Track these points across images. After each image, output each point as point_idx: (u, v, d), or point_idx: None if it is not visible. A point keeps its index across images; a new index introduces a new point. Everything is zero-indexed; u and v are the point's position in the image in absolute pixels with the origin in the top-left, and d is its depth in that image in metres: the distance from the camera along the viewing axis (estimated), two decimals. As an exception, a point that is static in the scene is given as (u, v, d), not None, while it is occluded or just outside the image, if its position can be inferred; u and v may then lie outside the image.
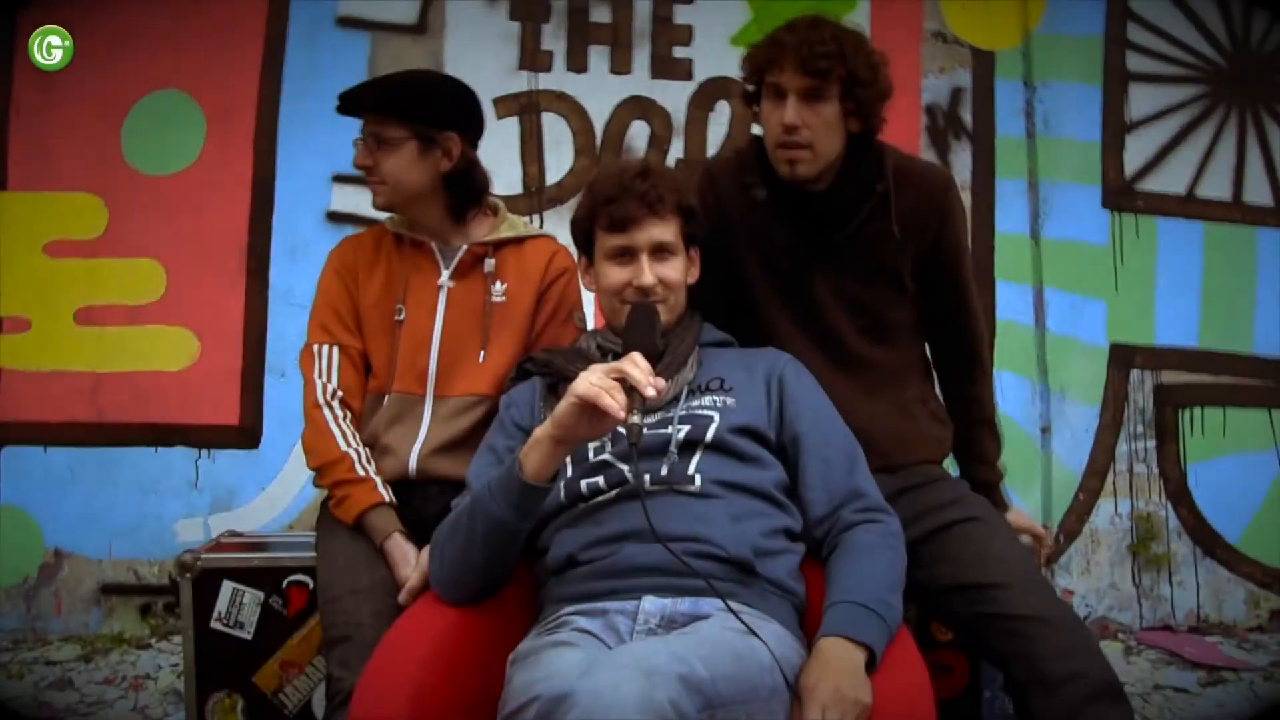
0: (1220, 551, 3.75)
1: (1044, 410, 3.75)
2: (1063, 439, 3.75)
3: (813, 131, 1.87)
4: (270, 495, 3.62)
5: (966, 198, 3.72)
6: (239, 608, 2.20)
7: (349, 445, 2.04)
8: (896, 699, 1.48)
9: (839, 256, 2.01)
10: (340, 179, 3.64)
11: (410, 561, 1.92)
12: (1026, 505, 3.66)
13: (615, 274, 1.84)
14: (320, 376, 2.10)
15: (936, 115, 3.76)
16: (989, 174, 3.76)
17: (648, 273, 1.81)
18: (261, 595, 2.20)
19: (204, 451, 3.64)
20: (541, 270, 2.15)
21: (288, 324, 3.58)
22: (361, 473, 2.01)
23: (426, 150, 2.07)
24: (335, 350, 2.12)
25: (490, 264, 2.12)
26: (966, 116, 3.77)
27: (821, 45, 1.84)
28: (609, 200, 1.83)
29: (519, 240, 2.17)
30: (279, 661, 2.21)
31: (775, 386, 1.84)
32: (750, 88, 1.97)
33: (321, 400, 2.08)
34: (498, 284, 2.12)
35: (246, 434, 3.64)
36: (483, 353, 2.09)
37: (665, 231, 1.83)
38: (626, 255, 1.83)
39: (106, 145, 3.60)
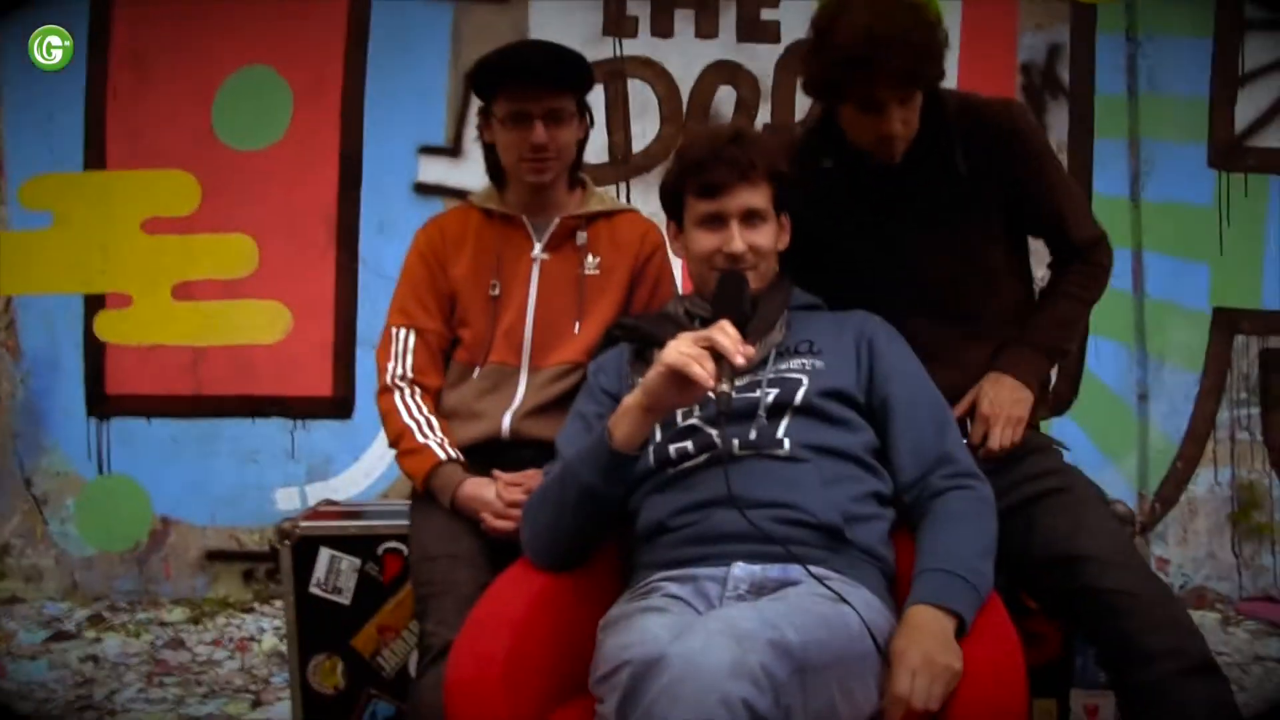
0: (1326, 521, 3.66)
1: (1141, 376, 3.65)
2: (1160, 406, 3.65)
3: (910, 126, 1.86)
4: (364, 464, 3.69)
5: (1062, 159, 3.59)
6: (337, 574, 2.26)
7: (410, 418, 2.06)
8: (987, 666, 1.48)
9: (918, 211, 1.98)
10: (426, 150, 3.66)
11: (485, 486, 1.95)
12: (1121, 472, 3.61)
13: (705, 240, 1.82)
14: (392, 361, 2.13)
15: (1033, 74, 3.63)
16: (1087, 134, 3.63)
17: (738, 239, 1.79)
18: (358, 562, 2.26)
19: (299, 422, 3.72)
20: (636, 246, 2.15)
21: (377, 295, 3.58)
22: (421, 440, 2.03)
23: (581, 122, 2.11)
24: (412, 334, 2.13)
25: (583, 237, 2.13)
26: (1064, 74, 3.64)
27: (915, 51, 1.77)
28: (699, 166, 1.80)
29: (609, 214, 2.17)
30: (376, 626, 2.27)
31: (865, 349, 1.82)
32: (826, 94, 1.91)
33: (390, 382, 2.11)
34: (590, 257, 2.12)
35: (340, 404, 3.71)
36: (578, 324, 2.10)
37: (756, 197, 1.80)
38: (717, 221, 1.80)
39: (198, 123, 3.66)
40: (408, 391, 2.10)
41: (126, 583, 3.74)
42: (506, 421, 2.07)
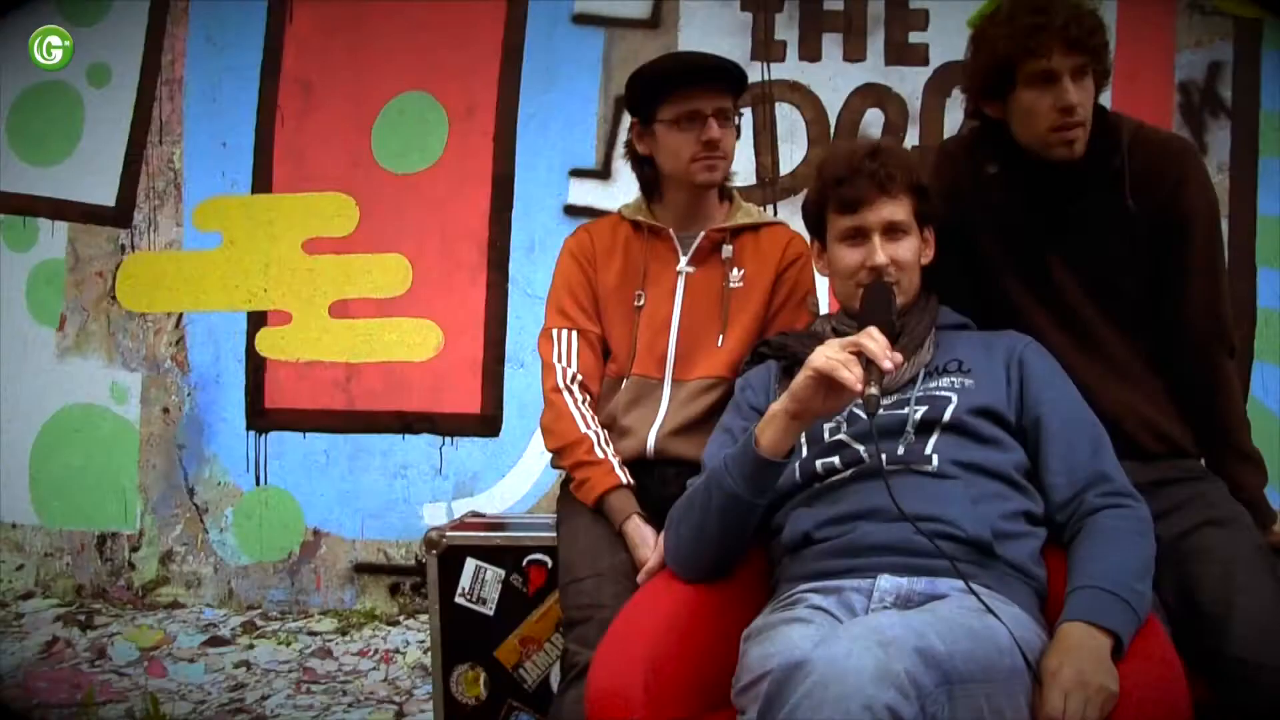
0: None
1: (1308, 402, 3.52)
2: (1330, 433, 3.51)
3: (1086, 108, 1.83)
4: (510, 482, 3.75)
5: (1224, 179, 3.52)
6: (481, 584, 2.28)
7: (588, 427, 2.08)
8: (1147, 689, 1.42)
9: (1074, 233, 1.93)
10: (577, 173, 3.73)
11: (649, 543, 1.94)
12: (1287, 504, 3.48)
13: (848, 256, 1.82)
14: (560, 360, 2.14)
15: (1191, 92, 3.56)
16: (1251, 153, 3.53)
17: (880, 252, 1.78)
18: (503, 573, 2.27)
19: (448, 439, 3.79)
20: (779, 256, 2.15)
21: (527, 315, 3.69)
22: (601, 454, 2.05)
23: (735, 125, 2.14)
24: (574, 334, 2.16)
25: (728, 250, 2.14)
26: (1225, 92, 3.54)
27: (1087, 19, 1.80)
28: (839, 181, 1.81)
29: (755, 227, 2.18)
30: (519, 637, 2.28)
31: (1015, 368, 1.80)
32: (991, 82, 1.88)
33: (561, 384, 2.12)
34: (735, 270, 2.13)
35: (488, 422, 3.77)
36: (721, 336, 2.10)
37: (897, 210, 1.80)
38: (859, 236, 1.80)
39: (358, 146, 3.79)
40: (580, 397, 2.12)
41: (279, 593, 3.85)
42: (651, 441, 2.08)
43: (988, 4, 3.49)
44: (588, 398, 2.13)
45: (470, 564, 2.28)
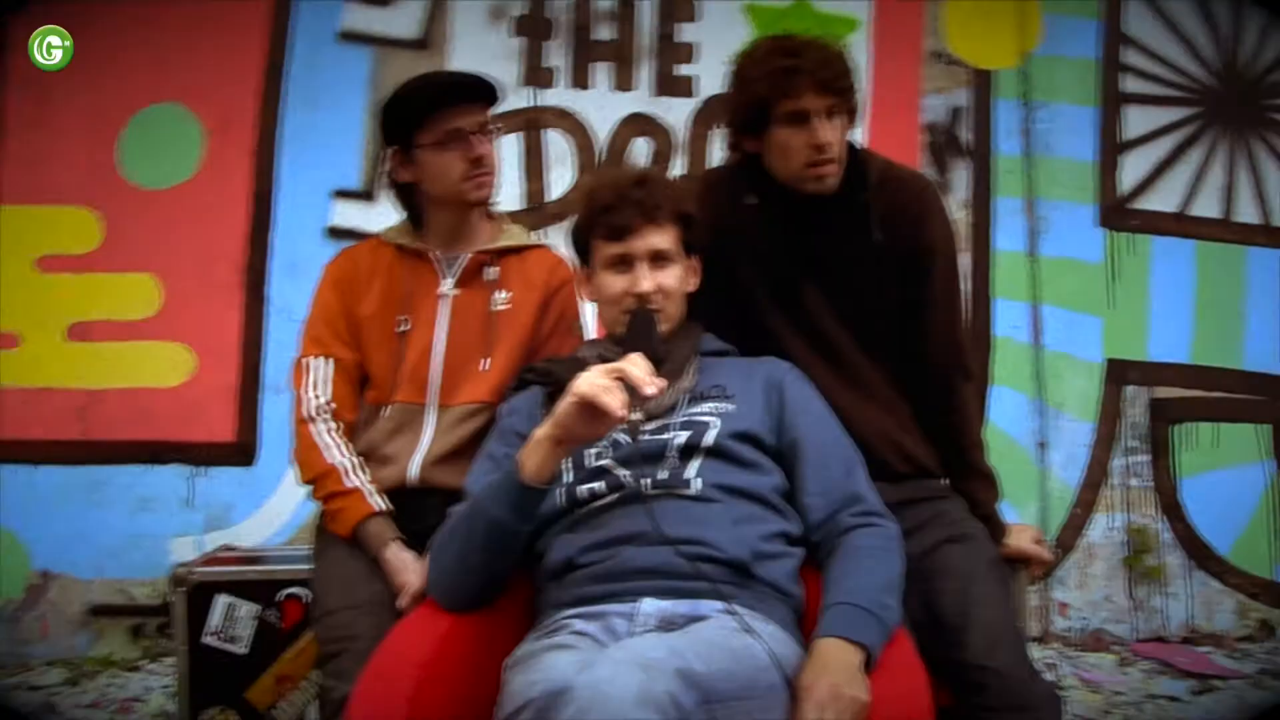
0: (1211, 563, 3.81)
1: (1040, 425, 3.79)
2: (1059, 454, 3.79)
3: (836, 146, 1.91)
4: (266, 513, 3.57)
5: (965, 215, 3.77)
6: (233, 621, 2.20)
7: (339, 457, 2.02)
8: (894, 699, 1.47)
9: (827, 264, 2.02)
10: (341, 194, 3.63)
11: (410, 567, 1.91)
12: (1023, 519, 3.68)
13: (614, 283, 1.84)
14: (310, 390, 2.08)
15: (936, 133, 3.81)
16: (987, 192, 3.81)
17: (646, 280, 1.81)
18: (257, 608, 2.21)
19: (199, 469, 3.58)
20: (544, 279, 2.14)
21: (286, 340, 3.51)
22: (352, 484, 2.00)
23: (495, 137, 2.12)
24: (328, 363, 2.10)
25: (493, 272, 2.12)
26: (965, 135, 3.82)
27: (837, 63, 1.89)
28: (606, 208, 1.83)
29: (520, 249, 2.17)
30: (274, 676, 2.21)
31: (775, 394, 1.85)
32: (750, 117, 1.95)
33: (310, 414, 2.06)
34: (500, 292, 2.11)
35: (242, 450, 3.59)
36: (486, 361, 2.08)
37: (663, 239, 1.84)
38: (625, 263, 1.83)
39: (102, 158, 3.56)
40: (332, 426, 2.06)
41: (-6, 644, 3.50)
42: (415, 468, 2.03)
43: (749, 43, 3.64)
44: (340, 426, 2.06)
45: (221, 600, 2.20)
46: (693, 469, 1.73)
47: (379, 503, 1.98)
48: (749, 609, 1.59)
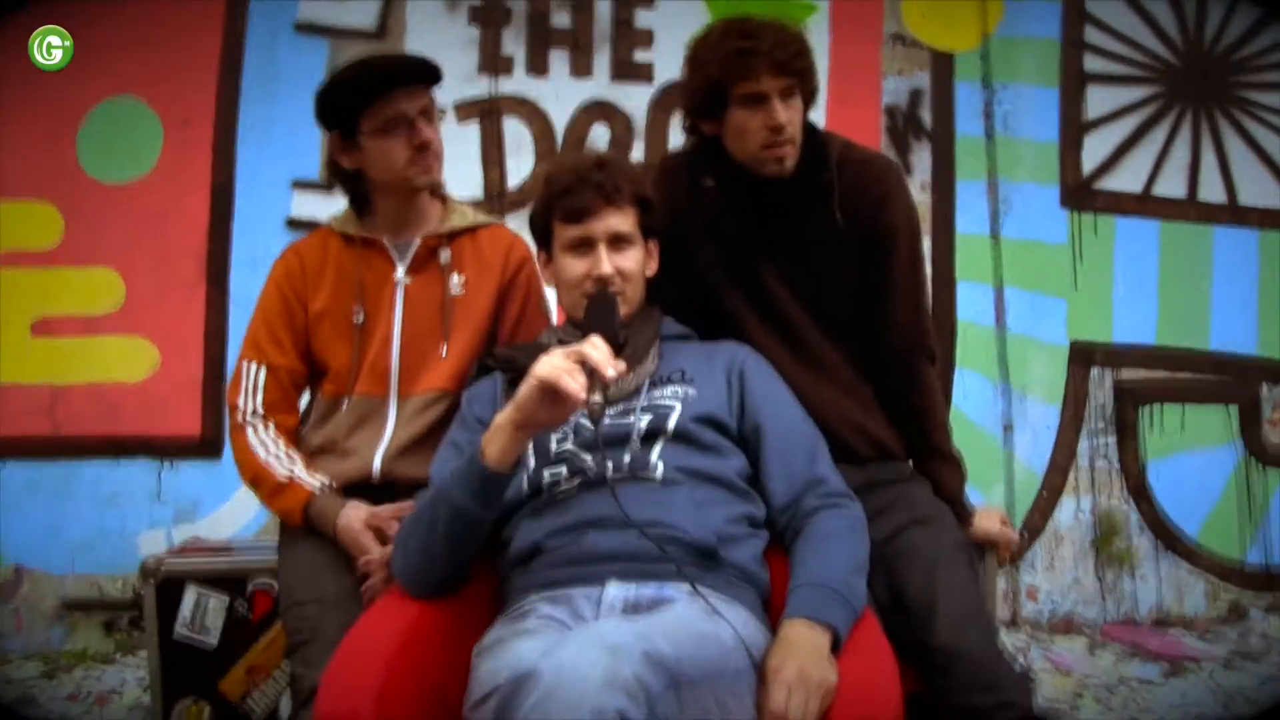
0: (1180, 546, 3.79)
1: (1005, 409, 3.76)
2: (1024, 437, 3.77)
3: (794, 127, 1.91)
4: (234, 505, 3.56)
5: (927, 198, 3.74)
6: (204, 613, 2.21)
7: (267, 454, 2.02)
8: (861, 681, 1.47)
9: (786, 246, 2.01)
10: (301, 185, 3.61)
11: (363, 534, 1.91)
12: (989, 504, 3.67)
13: (574, 266, 1.84)
14: (241, 397, 2.07)
15: (896, 116, 3.77)
16: (949, 174, 3.77)
17: (605, 262, 1.81)
18: (227, 600, 2.21)
19: (166, 463, 3.59)
20: (501, 261, 2.12)
21: (248, 332, 3.54)
22: (284, 475, 1.99)
23: (438, 119, 2.09)
24: (263, 370, 2.09)
25: (446, 255, 2.10)
26: (926, 117, 3.78)
27: (792, 44, 1.89)
28: (565, 191, 1.83)
29: (472, 230, 2.14)
30: (245, 667, 2.22)
31: (736, 378, 1.85)
32: (706, 102, 1.95)
33: (241, 421, 2.06)
34: (455, 275, 2.09)
35: (209, 444, 3.58)
36: (445, 346, 2.06)
37: (622, 222, 1.84)
38: (584, 246, 1.83)
39: (61, 152, 3.54)
40: (260, 427, 2.05)
41: (-29, 638, 3.52)
42: (377, 461, 2.03)
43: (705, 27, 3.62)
44: (270, 426, 2.06)
45: (191, 592, 2.20)
46: (655, 453, 1.73)
47: (314, 482, 1.98)
48: (714, 592, 1.58)
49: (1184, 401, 3.81)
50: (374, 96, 2.01)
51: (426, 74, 2.06)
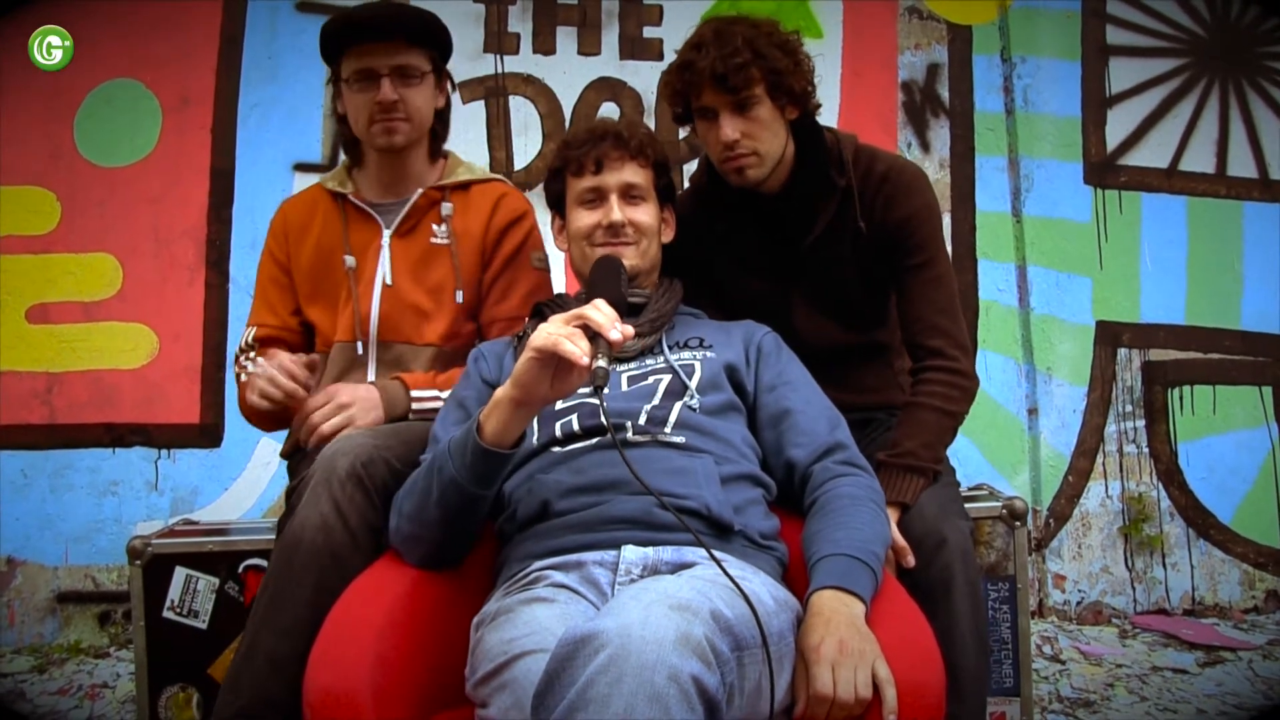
0: (1214, 532, 3.67)
1: (1030, 391, 3.67)
2: (1050, 420, 3.66)
3: (754, 139, 1.86)
4: (233, 495, 3.50)
5: (945, 175, 3.66)
6: (193, 595, 2.13)
7: (242, 376, 2.02)
8: (906, 646, 1.41)
9: (811, 268, 1.98)
10: (302, 167, 3.55)
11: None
12: (1014, 489, 3.58)
13: (585, 217, 1.81)
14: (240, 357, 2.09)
15: (914, 92, 3.70)
16: (968, 151, 3.70)
17: (617, 211, 1.79)
18: (216, 581, 2.14)
19: (164, 451, 3.52)
20: (488, 213, 2.08)
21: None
22: (249, 374, 1.95)
23: (438, 84, 2.06)
24: (252, 331, 2.15)
25: (448, 208, 2.07)
26: (944, 93, 3.71)
27: (734, 56, 1.81)
28: (580, 144, 1.83)
29: (467, 185, 2.11)
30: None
31: (754, 350, 1.82)
32: (678, 110, 1.94)
33: (239, 375, 2.06)
34: (440, 226, 2.07)
35: (208, 432, 3.52)
36: (429, 301, 2.05)
37: (636, 174, 1.82)
38: (597, 197, 1.81)
39: (58, 137, 3.49)
40: (249, 366, 2.01)
41: (-37, 631, 3.44)
42: None
43: (722, 2, 3.55)
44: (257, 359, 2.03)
45: (180, 574, 2.12)
46: (674, 414, 1.67)
47: (252, 364, 1.95)
48: (734, 559, 1.51)
49: (1215, 382, 3.71)
50: (347, 45, 1.97)
51: (401, 28, 1.98)
